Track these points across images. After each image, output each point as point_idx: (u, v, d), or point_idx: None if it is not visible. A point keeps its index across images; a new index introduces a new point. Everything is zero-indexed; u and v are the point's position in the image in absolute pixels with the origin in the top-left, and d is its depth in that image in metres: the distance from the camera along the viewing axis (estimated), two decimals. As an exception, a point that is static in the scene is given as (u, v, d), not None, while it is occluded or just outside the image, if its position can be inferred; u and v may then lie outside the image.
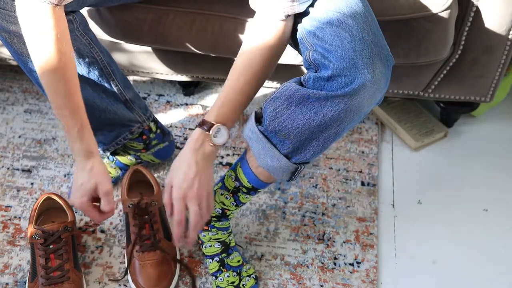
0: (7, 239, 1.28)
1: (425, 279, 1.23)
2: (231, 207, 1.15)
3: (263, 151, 0.99)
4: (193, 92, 1.63)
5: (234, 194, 1.12)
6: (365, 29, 0.89)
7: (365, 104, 0.90)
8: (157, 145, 1.36)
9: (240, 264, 1.20)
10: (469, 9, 1.21)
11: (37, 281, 1.13)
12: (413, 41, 1.20)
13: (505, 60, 1.29)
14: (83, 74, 1.15)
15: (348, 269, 1.24)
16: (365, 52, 0.87)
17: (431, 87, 1.37)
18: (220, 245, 1.20)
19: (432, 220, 1.34)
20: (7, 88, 1.65)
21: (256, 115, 1.00)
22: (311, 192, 1.39)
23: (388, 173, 1.44)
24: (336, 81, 0.87)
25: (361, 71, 0.86)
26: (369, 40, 0.88)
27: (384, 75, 0.90)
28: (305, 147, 0.95)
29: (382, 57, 0.89)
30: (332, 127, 0.92)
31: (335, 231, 1.31)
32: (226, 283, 1.18)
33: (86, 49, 1.13)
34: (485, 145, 1.51)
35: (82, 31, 1.12)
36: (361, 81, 0.86)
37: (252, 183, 1.08)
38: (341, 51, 0.87)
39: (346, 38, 0.87)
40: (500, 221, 1.34)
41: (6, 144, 1.49)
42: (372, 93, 0.89)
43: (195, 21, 1.25)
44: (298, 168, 1.00)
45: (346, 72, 0.86)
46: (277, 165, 0.99)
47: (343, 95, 0.87)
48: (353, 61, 0.86)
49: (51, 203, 1.23)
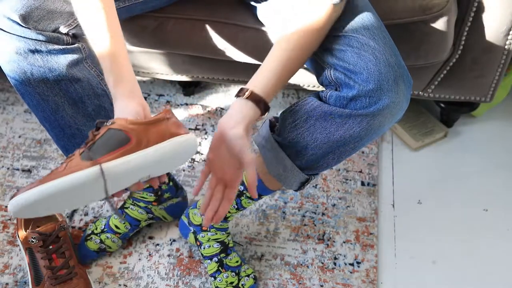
0: (7, 239, 1.28)
1: (425, 279, 1.23)
2: (232, 210, 1.15)
3: (275, 161, 1.00)
4: (193, 92, 1.63)
5: (237, 198, 1.12)
6: (387, 51, 0.90)
7: (385, 123, 0.91)
8: (170, 199, 1.27)
9: (238, 264, 1.20)
10: (469, 9, 1.21)
11: (44, 284, 1.13)
12: (413, 44, 1.20)
13: (505, 60, 1.29)
14: (94, 108, 1.09)
15: (348, 269, 1.24)
16: (390, 75, 0.88)
17: (431, 87, 1.37)
18: (219, 245, 1.20)
19: (432, 220, 1.34)
20: (7, 88, 1.65)
21: (270, 124, 1.00)
22: (311, 192, 1.39)
23: (388, 173, 1.44)
24: (360, 101, 0.89)
25: (387, 93, 0.88)
26: (392, 62, 0.89)
27: (406, 96, 0.91)
28: (320, 159, 0.96)
29: (404, 78, 0.90)
30: (350, 143, 0.93)
31: (335, 231, 1.31)
32: (225, 284, 1.18)
33: (95, 81, 1.08)
34: (485, 145, 1.51)
35: (91, 63, 1.08)
36: (387, 102, 0.88)
37: (258, 189, 1.07)
38: (367, 74, 0.88)
39: (370, 61, 0.88)
40: (500, 221, 1.34)
41: (6, 144, 1.49)
42: (394, 113, 0.90)
43: (194, 28, 1.25)
44: (309, 179, 1.01)
45: (372, 93, 0.88)
46: (289, 175, 1.00)
47: (366, 114, 0.89)
48: (380, 83, 0.87)
49: None
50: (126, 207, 1.26)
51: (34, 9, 0.99)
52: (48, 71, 1.02)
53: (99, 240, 1.23)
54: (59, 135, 1.09)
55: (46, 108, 1.05)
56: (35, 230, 1.15)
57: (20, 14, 0.98)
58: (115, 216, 1.26)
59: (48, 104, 1.04)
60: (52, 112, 1.05)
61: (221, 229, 1.20)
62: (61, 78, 1.03)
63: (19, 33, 0.98)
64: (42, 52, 1.00)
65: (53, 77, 1.02)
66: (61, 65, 1.03)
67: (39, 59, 1.00)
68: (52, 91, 1.03)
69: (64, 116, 1.06)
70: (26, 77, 1.01)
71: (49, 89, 1.03)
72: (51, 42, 1.01)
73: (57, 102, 1.05)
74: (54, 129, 1.08)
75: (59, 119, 1.06)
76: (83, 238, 1.25)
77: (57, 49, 1.02)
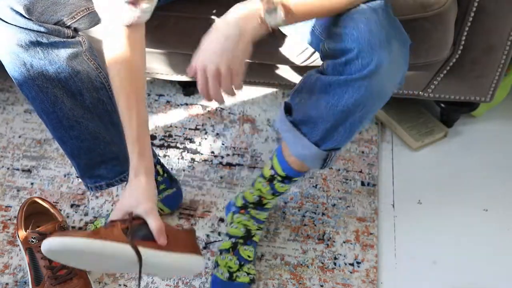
0: (7, 239, 1.28)
1: (425, 279, 1.23)
2: (268, 196, 1.18)
3: (293, 140, 1.01)
4: (193, 92, 1.63)
5: (270, 182, 1.15)
6: (380, 12, 0.89)
7: (385, 85, 0.90)
8: (165, 190, 1.29)
9: (247, 259, 1.21)
10: (469, 9, 1.21)
11: (44, 284, 1.13)
12: (413, 41, 1.20)
13: (505, 60, 1.29)
14: (92, 101, 1.10)
15: (348, 269, 1.24)
16: (381, 33, 0.86)
17: (431, 87, 1.37)
18: (244, 231, 1.21)
19: (432, 220, 1.34)
20: (7, 88, 1.65)
21: (285, 106, 1.02)
22: (311, 192, 1.39)
23: (388, 173, 1.44)
24: (353, 64, 0.87)
25: (378, 51, 0.86)
26: (384, 22, 0.88)
27: (402, 54, 0.89)
28: (332, 134, 0.96)
29: (398, 37, 0.89)
30: (356, 112, 0.92)
31: (335, 231, 1.31)
32: (224, 264, 1.18)
33: (94, 74, 1.09)
34: (485, 145, 1.51)
35: (90, 56, 1.09)
36: (378, 62, 0.86)
37: (286, 171, 1.11)
38: (357, 33, 0.86)
39: (361, 21, 0.87)
40: (500, 221, 1.34)
41: (6, 144, 1.49)
42: (391, 74, 0.88)
43: (195, 26, 1.25)
44: (329, 155, 1.01)
45: (363, 54, 0.86)
46: (308, 153, 1.01)
47: (362, 77, 0.87)
48: (369, 42, 0.86)
49: (35, 207, 1.23)
50: None
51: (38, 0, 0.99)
52: (48, 63, 1.02)
53: None
54: (56, 127, 1.09)
55: (44, 100, 1.05)
56: (35, 230, 1.15)
57: (24, 4, 0.98)
58: None
59: (47, 96, 1.05)
60: (51, 104, 1.06)
61: (255, 218, 1.21)
62: (61, 71, 1.04)
63: (22, 24, 0.98)
64: (43, 44, 1.01)
65: (53, 70, 1.03)
66: (61, 57, 1.03)
67: (40, 52, 1.01)
68: (51, 83, 1.04)
69: (63, 108, 1.07)
70: (25, 69, 1.02)
71: (49, 81, 1.03)
72: (52, 35, 1.02)
73: (56, 94, 1.05)
74: (52, 120, 1.08)
75: (57, 111, 1.07)
76: None
77: (58, 42, 1.02)
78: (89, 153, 1.13)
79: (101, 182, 1.18)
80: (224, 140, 1.51)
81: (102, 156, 1.15)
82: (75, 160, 1.15)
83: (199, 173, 1.42)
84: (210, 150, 1.48)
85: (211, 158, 1.46)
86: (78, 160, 1.15)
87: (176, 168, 1.43)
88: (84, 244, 0.87)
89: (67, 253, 0.89)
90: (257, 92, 1.64)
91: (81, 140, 1.11)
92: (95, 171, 1.16)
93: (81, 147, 1.12)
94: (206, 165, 1.44)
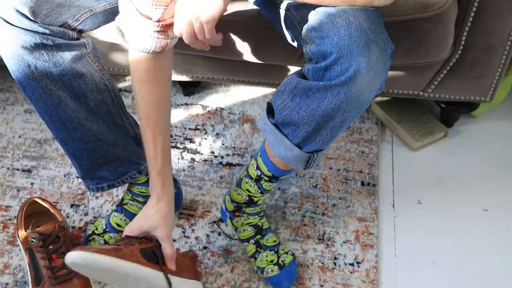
0: (7, 239, 1.28)
1: (425, 279, 1.23)
2: (257, 194, 1.17)
3: (276, 142, 1.01)
4: (193, 92, 1.63)
5: (257, 182, 1.15)
6: (362, 16, 0.88)
7: (364, 91, 0.89)
8: None
9: (276, 243, 1.22)
10: (469, 9, 1.21)
11: (44, 284, 1.13)
12: (413, 42, 1.20)
13: (505, 60, 1.29)
14: (95, 103, 1.10)
15: (348, 269, 1.24)
16: (361, 39, 0.86)
17: (431, 87, 1.37)
18: (253, 228, 1.21)
19: (432, 220, 1.34)
20: (7, 88, 1.65)
21: (268, 107, 1.02)
22: (311, 192, 1.39)
23: (388, 173, 1.44)
24: (333, 69, 0.87)
25: (356, 58, 0.85)
26: (365, 26, 0.87)
27: (382, 61, 0.88)
28: (314, 136, 0.96)
29: (379, 42, 0.88)
30: (336, 117, 0.92)
31: (335, 231, 1.31)
32: (266, 263, 1.19)
33: (98, 75, 1.09)
34: (485, 145, 1.51)
35: (93, 58, 1.09)
36: (357, 68, 0.86)
37: (272, 171, 1.11)
38: (337, 39, 0.86)
39: (342, 26, 0.87)
40: (500, 221, 1.34)
41: (6, 144, 1.49)
42: (370, 80, 0.88)
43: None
44: (311, 157, 1.01)
45: (342, 60, 0.86)
46: (290, 154, 1.00)
47: (340, 84, 0.87)
48: (349, 48, 0.85)
49: (35, 207, 1.23)
50: (125, 203, 1.26)
51: (43, 2, 0.99)
52: (53, 65, 1.02)
53: (103, 241, 1.23)
54: (60, 129, 1.09)
55: (48, 102, 1.05)
56: (35, 230, 1.15)
57: (30, 6, 0.98)
58: (115, 214, 1.26)
59: (51, 98, 1.05)
60: (54, 106, 1.06)
61: (253, 213, 1.21)
62: (65, 73, 1.04)
63: (27, 26, 0.98)
64: (48, 47, 1.01)
65: (57, 72, 1.03)
66: (66, 60, 1.03)
67: (45, 54, 1.01)
68: (55, 85, 1.04)
69: (66, 110, 1.07)
70: (30, 71, 1.01)
71: (53, 83, 1.03)
72: (57, 37, 1.02)
73: (60, 96, 1.05)
74: (55, 122, 1.09)
75: (60, 113, 1.07)
76: (84, 239, 1.25)
77: (63, 44, 1.02)
78: (91, 155, 1.13)
79: (103, 184, 1.18)
80: (224, 140, 1.51)
81: (105, 157, 1.15)
82: (77, 161, 1.15)
83: (199, 173, 1.42)
84: (210, 150, 1.48)
85: (211, 158, 1.46)
86: (80, 162, 1.15)
87: (176, 168, 1.43)
88: (113, 264, 0.95)
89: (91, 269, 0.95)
90: (257, 92, 1.64)
91: (84, 142, 1.11)
92: (97, 172, 1.16)
93: (84, 148, 1.12)
94: (206, 165, 1.44)
